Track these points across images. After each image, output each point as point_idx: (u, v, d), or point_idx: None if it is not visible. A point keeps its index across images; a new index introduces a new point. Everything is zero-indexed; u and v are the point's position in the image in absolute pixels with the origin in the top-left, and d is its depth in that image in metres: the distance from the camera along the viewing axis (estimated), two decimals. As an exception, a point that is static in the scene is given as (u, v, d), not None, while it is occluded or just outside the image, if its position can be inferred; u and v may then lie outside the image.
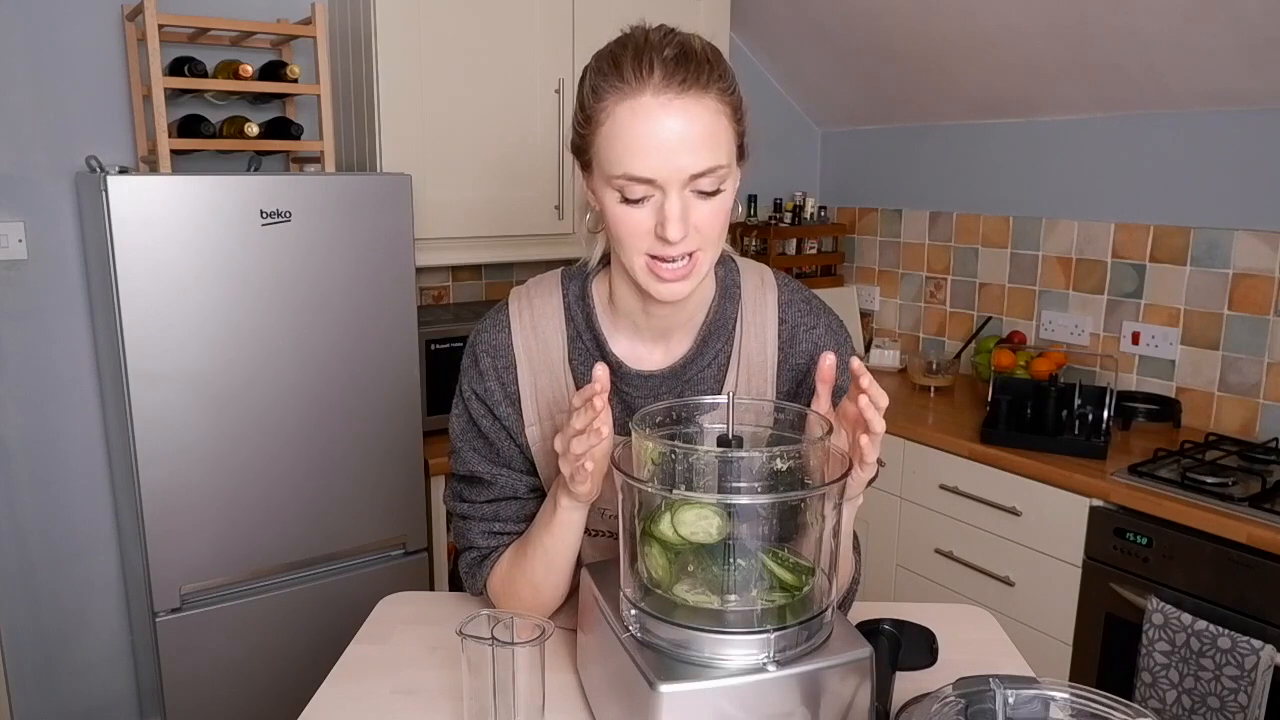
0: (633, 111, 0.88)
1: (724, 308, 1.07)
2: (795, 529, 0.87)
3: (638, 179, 0.88)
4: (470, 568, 1.12)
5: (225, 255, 1.92)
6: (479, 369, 1.08)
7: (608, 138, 0.90)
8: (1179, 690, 1.83)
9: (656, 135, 0.87)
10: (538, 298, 1.09)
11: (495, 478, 1.09)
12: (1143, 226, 2.49)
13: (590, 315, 1.06)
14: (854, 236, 3.34)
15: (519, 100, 2.41)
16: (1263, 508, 1.82)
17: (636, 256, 0.93)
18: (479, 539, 1.10)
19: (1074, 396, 2.30)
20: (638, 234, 0.91)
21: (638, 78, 0.87)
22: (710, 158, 0.88)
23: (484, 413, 1.08)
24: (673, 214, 0.88)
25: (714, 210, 0.91)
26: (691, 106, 0.87)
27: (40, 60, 2.16)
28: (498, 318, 1.09)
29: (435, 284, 2.80)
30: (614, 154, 0.89)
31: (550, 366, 1.07)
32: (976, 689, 0.79)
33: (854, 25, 2.78)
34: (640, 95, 0.87)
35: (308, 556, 2.12)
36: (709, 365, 1.07)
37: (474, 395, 1.08)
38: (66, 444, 2.31)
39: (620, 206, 0.91)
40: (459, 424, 1.11)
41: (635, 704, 0.82)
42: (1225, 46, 2.11)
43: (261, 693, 2.11)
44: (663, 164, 0.87)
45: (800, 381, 1.09)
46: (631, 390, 1.06)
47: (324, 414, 2.08)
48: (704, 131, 0.88)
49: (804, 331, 1.09)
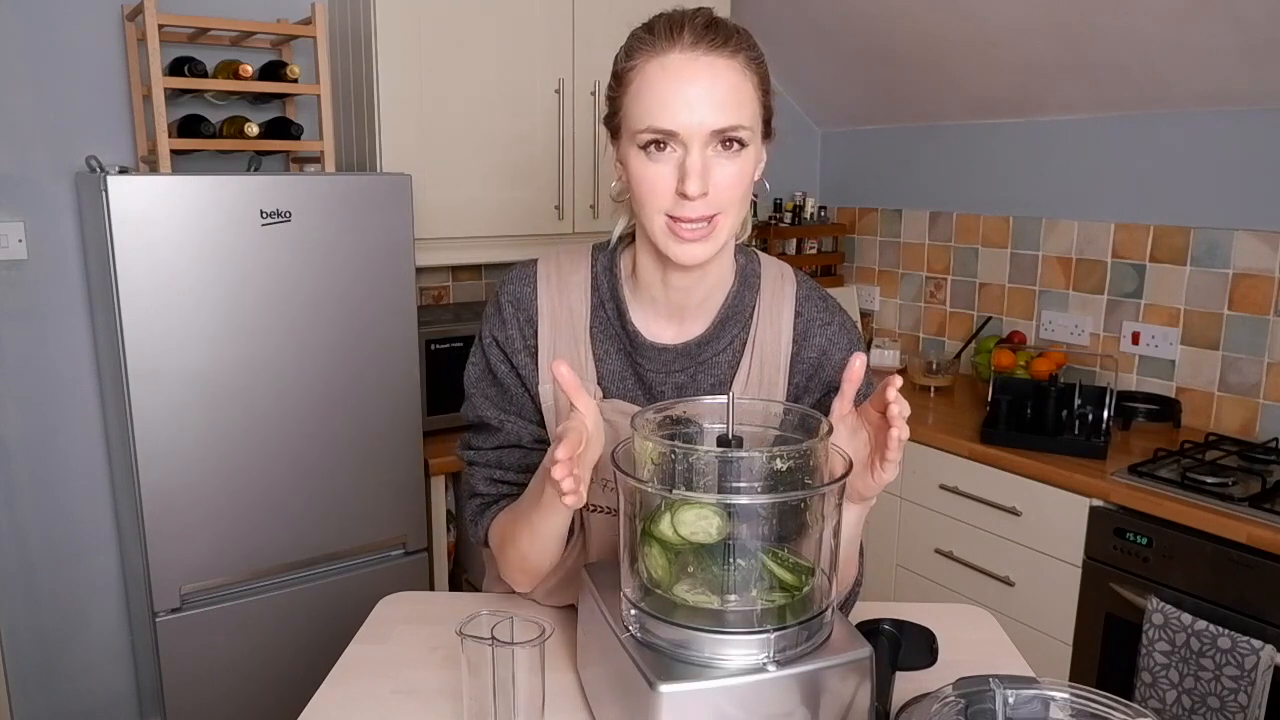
0: (662, 67, 0.91)
1: (742, 295, 1.08)
2: (795, 529, 0.87)
3: (661, 130, 0.91)
4: (473, 515, 1.14)
5: (225, 255, 1.92)
6: (502, 317, 1.10)
7: (635, 95, 0.93)
8: (1179, 690, 1.83)
9: (682, 89, 0.90)
10: (567, 263, 1.11)
11: (502, 424, 1.11)
12: (1143, 226, 2.49)
13: (615, 285, 1.07)
14: (854, 236, 3.34)
15: (519, 100, 2.41)
16: (1263, 508, 1.82)
17: (657, 216, 0.94)
18: (481, 485, 1.12)
19: (1074, 396, 2.30)
20: (658, 191, 0.93)
21: (668, 38, 0.91)
22: (734, 115, 0.91)
23: (501, 359, 1.10)
24: (693, 169, 0.90)
25: (735, 172, 0.93)
26: (718, 64, 0.91)
27: (40, 60, 2.16)
28: (525, 272, 1.11)
29: (435, 284, 2.80)
30: (640, 109, 0.92)
31: (573, 331, 1.08)
32: (976, 689, 0.79)
33: (854, 25, 2.78)
34: (669, 53, 0.91)
35: (308, 556, 2.12)
36: (724, 350, 1.08)
37: (494, 342, 1.10)
38: (66, 444, 2.31)
39: (643, 163, 0.93)
40: (475, 371, 1.13)
41: (635, 704, 0.82)
42: (1225, 46, 2.11)
43: (261, 693, 2.11)
44: (686, 117, 0.90)
45: (811, 376, 1.10)
46: (645, 362, 1.07)
47: (324, 414, 2.08)
48: (729, 90, 0.91)
49: (819, 327, 1.10)
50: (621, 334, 1.07)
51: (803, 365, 1.10)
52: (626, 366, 1.08)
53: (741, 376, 1.08)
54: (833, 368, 1.09)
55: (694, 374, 1.08)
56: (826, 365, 1.09)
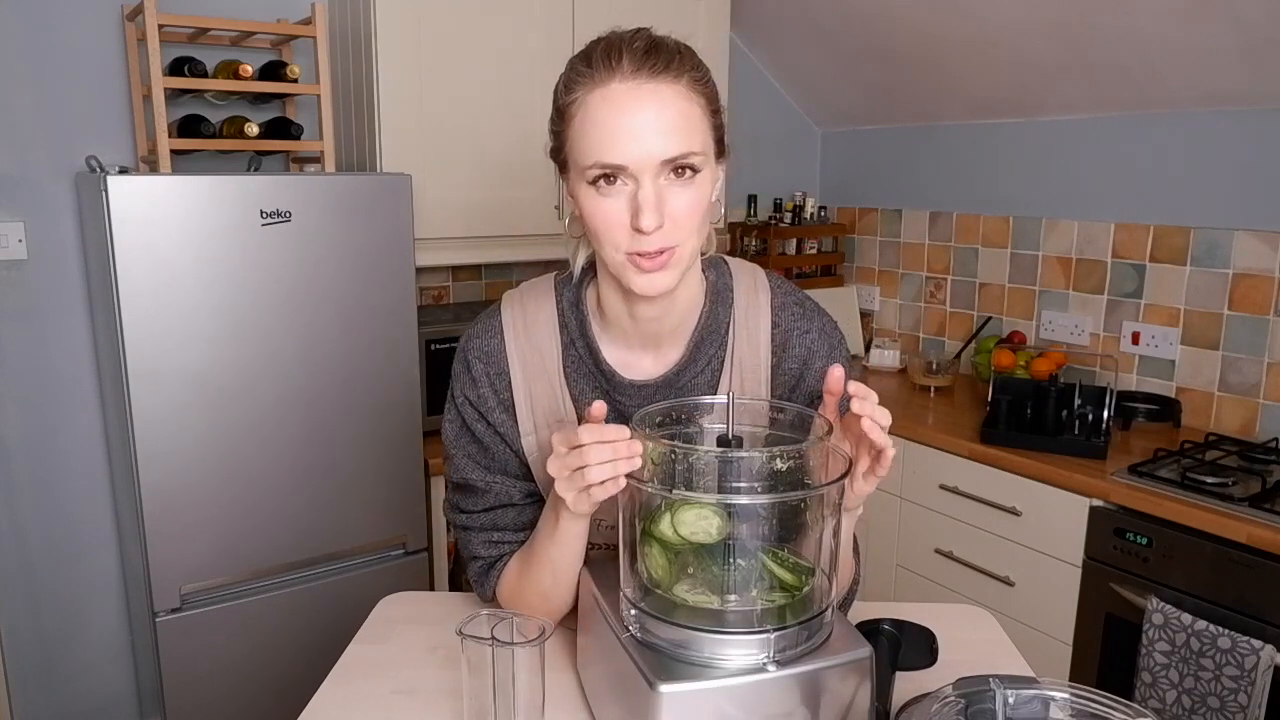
0: (603, 98, 0.87)
1: (716, 313, 1.05)
2: (795, 529, 0.87)
3: (609, 165, 0.87)
4: (478, 577, 1.11)
5: (225, 255, 1.92)
6: (471, 375, 1.06)
7: (579, 129, 0.89)
8: (1179, 690, 1.83)
9: (627, 121, 0.87)
10: (531, 304, 1.07)
11: (490, 485, 1.07)
12: (1143, 226, 2.49)
13: (584, 323, 1.03)
14: (854, 236, 3.34)
15: (519, 100, 2.41)
16: (1263, 508, 1.82)
17: (614, 252, 0.91)
18: (480, 549, 1.09)
19: (1074, 396, 2.30)
20: (614, 227, 0.90)
21: (607, 67, 0.87)
22: (682, 143, 0.88)
23: (477, 418, 1.07)
24: (647, 202, 0.87)
25: (690, 200, 0.90)
26: (662, 90, 0.87)
27: (40, 60, 2.16)
28: (490, 323, 1.07)
29: (435, 284, 2.80)
30: (586, 144, 0.88)
31: (546, 375, 1.05)
32: (976, 689, 0.79)
33: (854, 25, 2.78)
34: (609, 83, 0.87)
35: (308, 556, 2.12)
36: (702, 371, 1.05)
37: (466, 401, 1.07)
38: (66, 444, 2.31)
39: (594, 199, 0.90)
40: (452, 430, 1.09)
41: (635, 704, 0.82)
42: (1225, 46, 2.11)
43: (261, 693, 2.11)
44: (634, 150, 0.86)
45: (794, 387, 1.07)
46: (625, 400, 1.04)
47: (324, 414, 2.08)
48: (675, 117, 0.88)
49: (797, 336, 1.07)
50: (596, 373, 1.04)
51: (784, 377, 1.07)
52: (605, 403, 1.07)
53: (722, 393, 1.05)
54: (814, 377, 1.07)
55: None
56: (808, 375, 1.07)
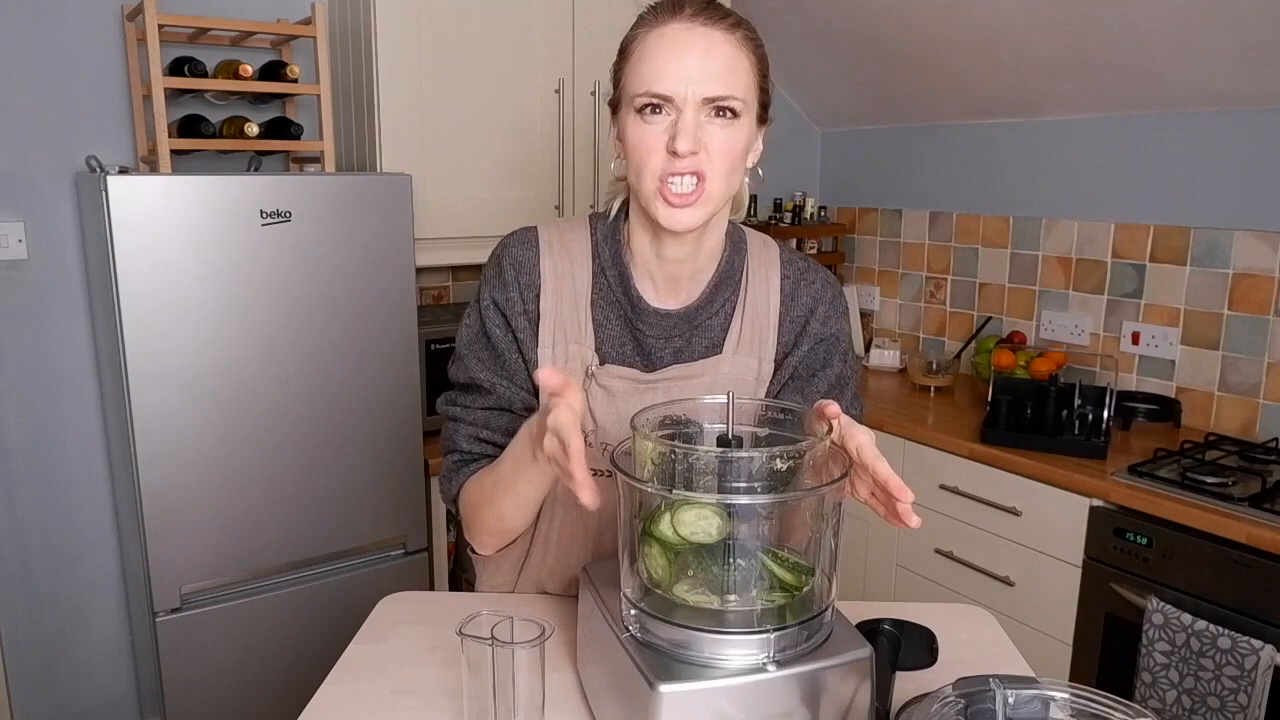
0: (660, 36, 0.96)
1: (733, 260, 1.11)
2: (795, 529, 0.87)
3: (656, 95, 0.95)
4: (448, 472, 1.14)
5: (225, 255, 1.92)
6: (504, 279, 1.10)
7: (635, 64, 0.98)
8: (1179, 690, 1.83)
9: (678, 57, 0.94)
10: (567, 231, 1.12)
11: (494, 387, 1.11)
12: (1143, 226, 2.49)
13: (618, 252, 1.09)
14: (854, 236, 3.34)
15: (519, 100, 2.41)
16: (1263, 508, 1.82)
17: (649, 179, 0.97)
18: (464, 442, 1.12)
19: (1074, 396, 2.30)
20: (652, 150, 0.96)
21: (670, 12, 0.97)
22: (727, 85, 0.95)
23: (498, 322, 1.10)
24: (685, 128, 0.94)
25: (726, 137, 0.97)
26: (714, 35, 0.95)
27: (40, 60, 2.16)
28: (526, 236, 1.12)
29: (435, 284, 2.80)
30: (638, 76, 0.97)
31: (575, 296, 1.09)
32: (976, 689, 0.79)
33: (855, 25, 2.78)
34: (669, 24, 0.96)
35: (308, 556, 2.12)
36: (717, 313, 1.11)
37: (492, 304, 1.10)
38: (66, 444, 2.31)
39: (638, 125, 0.97)
40: (469, 333, 1.13)
41: (635, 704, 0.82)
42: (1225, 46, 2.11)
43: (261, 693, 2.11)
44: (681, 83, 0.94)
45: (800, 332, 1.13)
46: (645, 328, 1.08)
47: (324, 414, 2.08)
48: (724, 61, 0.95)
49: (805, 286, 1.14)
50: (623, 300, 1.09)
51: (791, 324, 1.14)
52: (626, 333, 1.09)
53: (733, 336, 1.11)
54: (819, 322, 1.14)
55: (689, 338, 1.10)
56: (812, 320, 1.14)
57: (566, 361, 1.08)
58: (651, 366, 1.09)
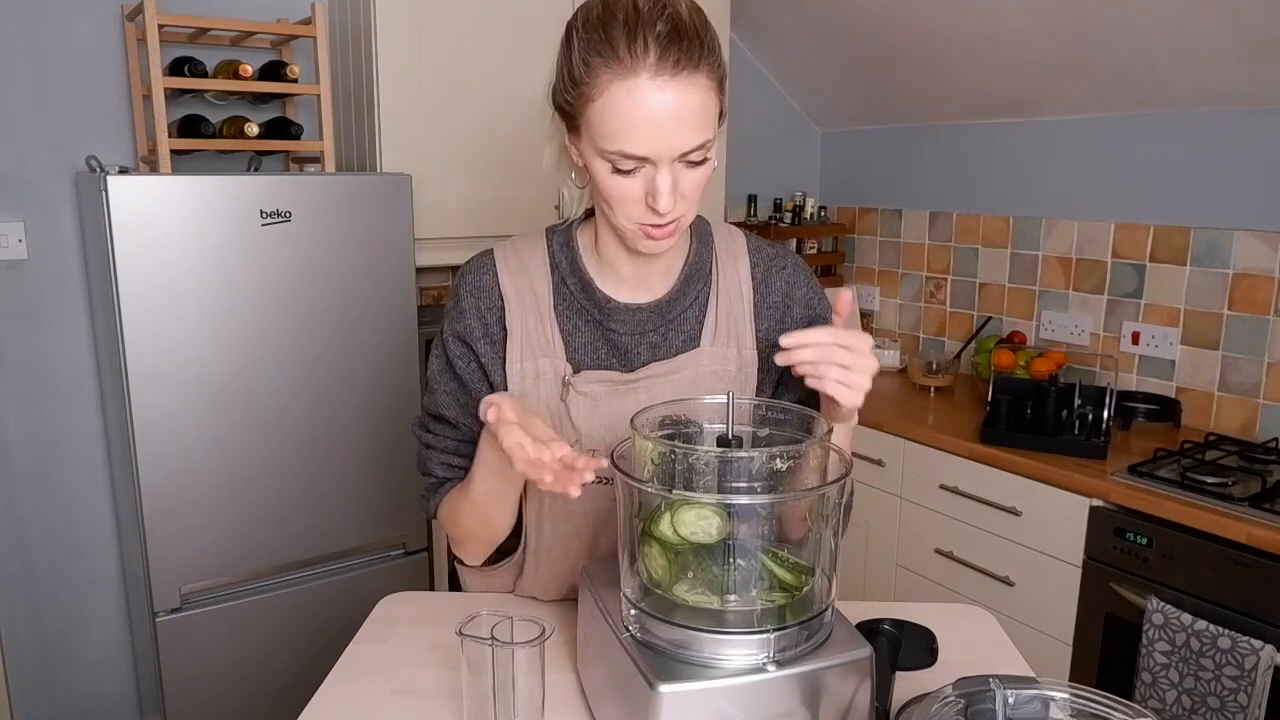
0: (628, 92, 0.89)
1: (701, 252, 1.12)
2: (795, 528, 0.87)
3: (632, 156, 0.91)
4: (426, 492, 1.17)
5: (225, 255, 1.92)
6: (460, 308, 1.10)
7: (601, 112, 0.91)
8: (1179, 690, 1.83)
9: (652, 117, 0.90)
10: (523, 246, 1.13)
11: (460, 422, 1.12)
12: (1143, 226, 2.49)
13: (575, 259, 1.09)
14: (854, 236, 3.34)
15: (519, 100, 2.41)
16: (1263, 508, 1.81)
17: (627, 221, 0.97)
18: (438, 469, 1.14)
19: (1074, 396, 2.30)
20: (629, 202, 0.95)
21: (632, 56, 0.88)
22: (700, 135, 0.92)
23: (460, 353, 1.10)
24: (664, 188, 0.92)
25: (700, 177, 0.96)
26: (685, 88, 0.90)
27: (40, 60, 2.16)
28: (482, 260, 1.12)
29: (435, 284, 2.80)
30: (608, 130, 0.91)
31: (538, 310, 1.09)
32: (976, 689, 0.79)
33: (854, 25, 2.78)
34: (636, 76, 0.88)
35: (308, 556, 2.12)
36: (691, 305, 1.11)
37: (453, 336, 1.11)
38: (66, 444, 2.31)
39: (612, 177, 0.94)
40: (436, 365, 1.14)
41: (635, 704, 0.82)
42: (1225, 46, 2.11)
43: (261, 693, 2.11)
44: (657, 144, 0.91)
45: (782, 317, 1.14)
46: (618, 326, 1.08)
47: (324, 414, 2.08)
48: (696, 111, 0.91)
49: (776, 272, 1.15)
50: (589, 305, 1.09)
51: (769, 310, 1.14)
52: (598, 336, 1.09)
53: (709, 328, 1.11)
54: (801, 304, 1.14)
55: (665, 333, 1.10)
56: (794, 305, 1.14)
57: (537, 376, 1.07)
58: (630, 366, 1.09)
